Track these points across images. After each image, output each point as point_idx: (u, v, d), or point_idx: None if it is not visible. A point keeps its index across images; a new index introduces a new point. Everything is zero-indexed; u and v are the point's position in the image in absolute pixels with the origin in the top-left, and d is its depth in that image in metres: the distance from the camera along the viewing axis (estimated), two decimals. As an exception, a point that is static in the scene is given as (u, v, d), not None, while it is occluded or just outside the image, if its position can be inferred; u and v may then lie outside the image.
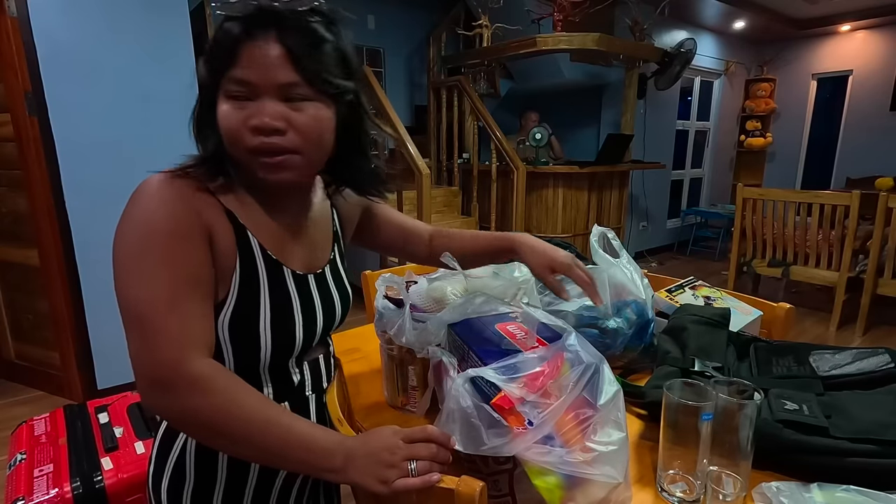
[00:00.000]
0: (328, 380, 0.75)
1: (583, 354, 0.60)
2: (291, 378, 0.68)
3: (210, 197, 0.60)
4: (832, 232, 3.22)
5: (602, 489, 0.56)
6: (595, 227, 1.09)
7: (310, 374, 0.71)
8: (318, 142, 0.60)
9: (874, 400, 0.70)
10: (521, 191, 3.64)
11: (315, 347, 0.72)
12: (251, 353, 0.62)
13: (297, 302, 0.65)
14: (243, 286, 0.60)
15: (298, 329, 0.65)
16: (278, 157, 0.58)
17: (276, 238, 0.65)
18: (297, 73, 0.56)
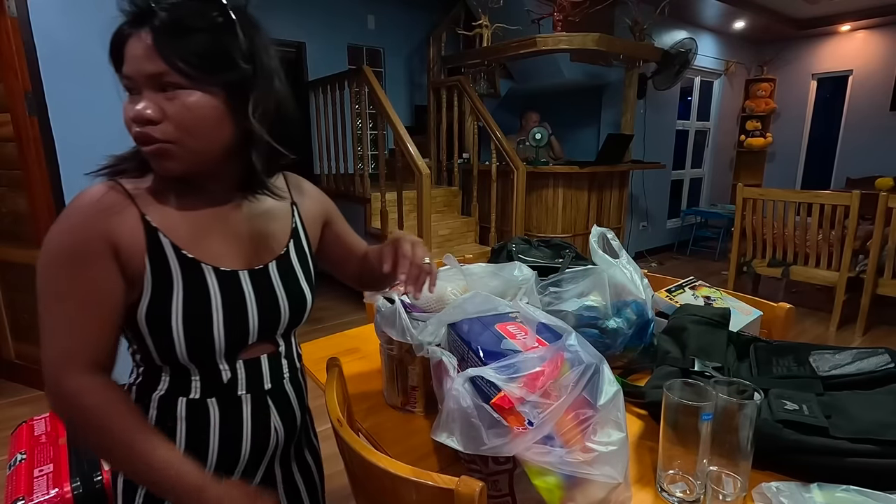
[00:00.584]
0: (273, 381, 0.72)
1: (583, 354, 0.60)
2: (220, 375, 0.67)
3: (125, 202, 0.61)
4: (832, 232, 3.22)
5: (602, 489, 0.56)
6: (594, 228, 1.09)
7: (245, 374, 0.68)
8: (193, 131, 0.59)
9: (874, 400, 0.70)
10: (521, 191, 3.64)
11: (255, 346, 0.70)
12: (168, 348, 0.63)
13: (219, 300, 0.64)
14: (156, 285, 0.61)
15: (217, 327, 0.64)
16: (152, 146, 0.59)
17: (194, 236, 0.65)
18: (163, 63, 0.56)
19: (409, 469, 0.56)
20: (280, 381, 0.73)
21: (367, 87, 3.32)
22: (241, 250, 0.69)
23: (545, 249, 1.33)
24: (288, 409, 0.74)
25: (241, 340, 0.67)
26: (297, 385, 0.77)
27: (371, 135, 4.38)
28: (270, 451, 0.72)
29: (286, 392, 0.74)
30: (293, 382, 0.76)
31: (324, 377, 0.82)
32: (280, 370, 0.73)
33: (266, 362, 0.71)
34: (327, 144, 3.98)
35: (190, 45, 0.57)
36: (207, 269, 0.65)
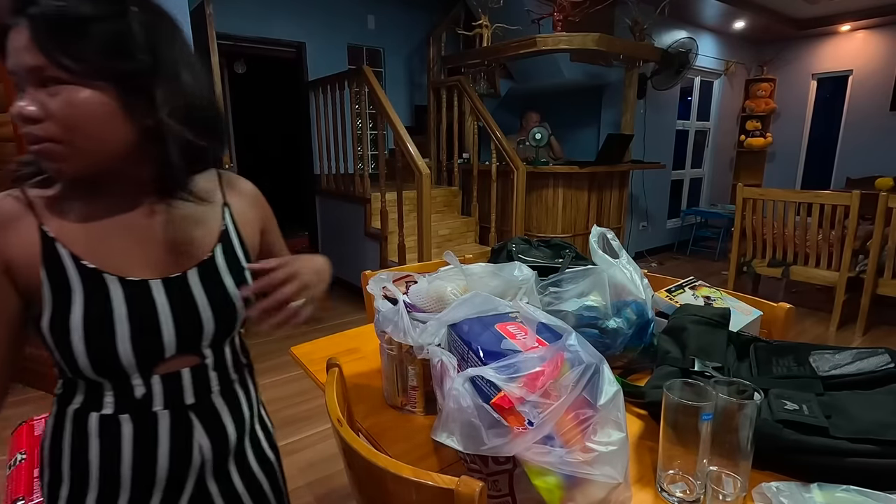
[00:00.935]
0: (197, 396, 0.67)
1: (583, 354, 0.60)
2: (133, 391, 0.63)
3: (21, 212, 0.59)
4: (832, 232, 3.22)
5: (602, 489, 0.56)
6: (594, 228, 1.09)
7: (161, 389, 0.64)
8: (80, 130, 0.54)
9: (874, 400, 0.70)
10: (521, 191, 3.64)
11: (174, 359, 0.65)
12: (72, 363, 0.60)
13: (123, 312, 0.60)
14: (56, 298, 0.59)
15: (122, 341, 0.60)
16: (37, 146, 0.55)
17: (98, 244, 0.61)
18: (42, 56, 0.52)
19: (409, 469, 0.56)
20: (206, 395, 0.68)
21: (367, 87, 3.32)
22: (154, 257, 0.64)
23: (545, 249, 1.33)
24: (217, 424, 0.69)
25: (154, 354, 0.63)
26: (231, 397, 0.72)
27: (371, 135, 4.38)
28: (196, 468, 0.68)
29: (215, 406, 0.69)
30: (226, 395, 0.71)
31: (324, 377, 0.82)
32: (207, 383, 0.68)
33: (188, 376, 0.66)
34: (327, 144, 3.98)
35: (72, 35, 0.52)
36: (111, 279, 0.60)
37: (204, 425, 0.68)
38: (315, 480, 1.89)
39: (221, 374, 0.70)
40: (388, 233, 3.47)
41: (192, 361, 0.67)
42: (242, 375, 0.76)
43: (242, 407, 0.74)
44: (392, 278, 0.90)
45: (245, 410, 0.75)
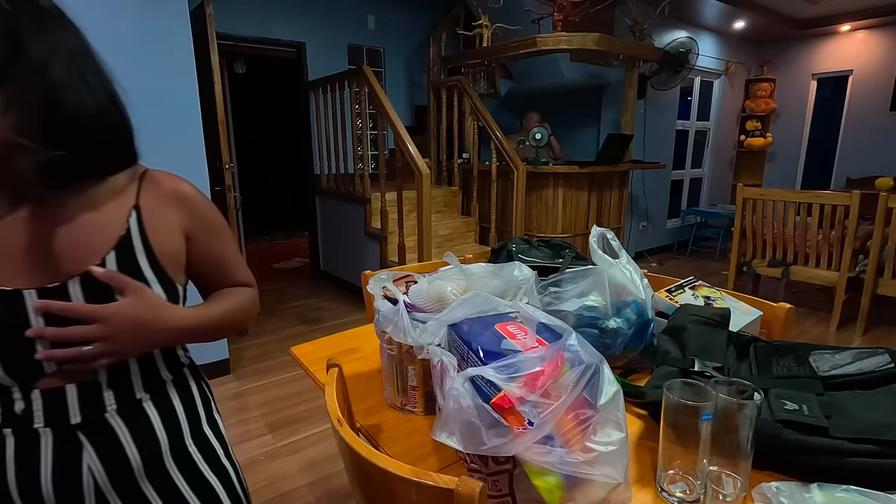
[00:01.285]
0: (86, 415, 0.62)
1: (583, 354, 0.60)
2: (13, 405, 0.59)
3: None
4: (832, 232, 3.22)
5: (602, 489, 0.56)
6: (594, 228, 1.09)
7: (42, 405, 0.60)
8: None
9: (874, 400, 0.70)
10: (521, 191, 3.64)
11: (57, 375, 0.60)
12: None
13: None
14: None
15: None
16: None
17: None
18: None
19: (409, 469, 0.56)
20: (98, 415, 0.63)
21: (367, 87, 3.32)
22: (31, 266, 0.59)
23: (545, 249, 1.33)
24: (113, 445, 0.63)
25: (30, 370, 0.59)
26: (137, 417, 0.66)
27: (371, 135, 4.38)
28: (90, 492, 0.62)
29: (112, 427, 0.63)
30: (129, 414, 0.65)
31: (324, 377, 0.82)
32: (100, 402, 0.63)
33: (74, 393, 0.61)
34: (327, 144, 3.98)
35: None
36: None
37: (98, 448, 0.62)
38: (315, 480, 1.89)
39: (122, 392, 0.64)
40: (388, 233, 3.47)
41: (81, 378, 0.61)
42: (161, 392, 0.69)
43: (155, 427, 0.67)
44: (392, 278, 0.90)
45: (159, 431, 0.68)
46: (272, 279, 4.65)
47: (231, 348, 2.81)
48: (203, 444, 0.74)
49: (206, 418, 0.77)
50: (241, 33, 3.84)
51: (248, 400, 2.46)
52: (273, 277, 4.72)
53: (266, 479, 1.89)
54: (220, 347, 2.69)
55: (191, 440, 0.73)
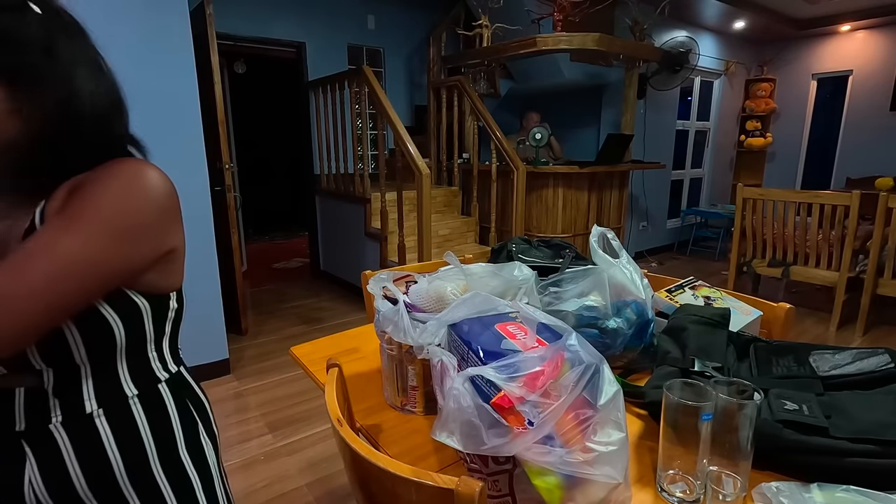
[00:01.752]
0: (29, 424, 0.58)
1: (583, 354, 0.60)
2: None
3: None
4: (832, 232, 3.22)
5: (602, 489, 0.56)
6: (594, 228, 1.09)
7: None
8: None
9: (874, 400, 0.70)
10: (521, 191, 3.64)
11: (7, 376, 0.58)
12: None
13: None
14: None
15: None
16: None
17: None
18: None
19: (409, 469, 0.56)
20: (43, 424, 0.59)
21: (367, 87, 3.32)
22: None
23: (545, 249, 1.33)
24: (56, 462, 0.59)
25: None
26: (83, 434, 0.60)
27: (371, 135, 4.38)
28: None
29: (55, 439, 0.59)
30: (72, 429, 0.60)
31: (324, 377, 0.82)
32: (45, 410, 0.59)
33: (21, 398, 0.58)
34: (327, 144, 3.98)
35: None
36: None
37: (38, 459, 0.58)
38: (315, 480, 1.89)
39: (69, 402, 0.60)
40: (388, 233, 3.47)
41: (25, 381, 0.58)
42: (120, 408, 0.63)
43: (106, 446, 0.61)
44: (392, 278, 0.90)
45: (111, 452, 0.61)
46: (272, 279, 4.65)
47: (231, 348, 2.81)
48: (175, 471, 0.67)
49: (185, 442, 0.68)
50: (241, 33, 3.84)
51: (248, 400, 2.46)
52: (273, 277, 4.72)
53: (266, 479, 1.89)
54: (220, 347, 2.69)
55: (158, 466, 0.65)
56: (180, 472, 0.67)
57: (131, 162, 0.59)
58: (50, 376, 0.58)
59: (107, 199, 0.55)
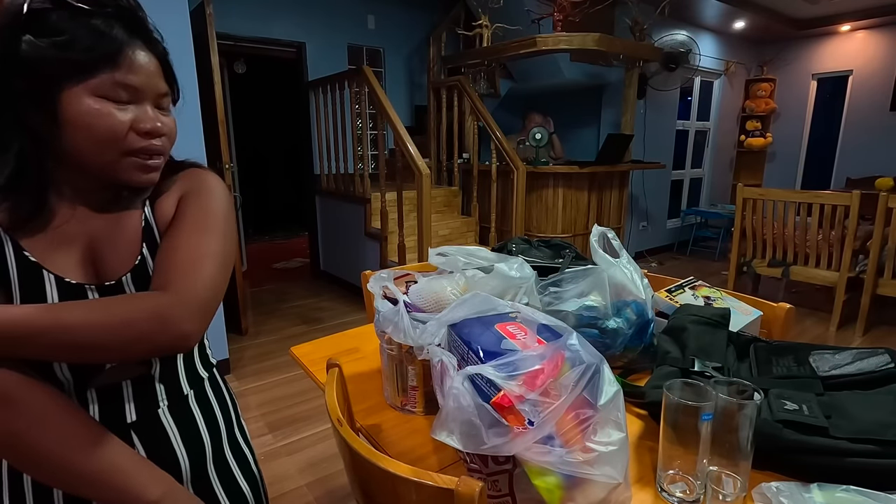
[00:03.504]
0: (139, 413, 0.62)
1: (583, 354, 0.60)
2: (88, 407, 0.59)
3: None
4: (832, 232, 3.22)
5: (602, 489, 0.56)
6: (595, 227, 1.09)
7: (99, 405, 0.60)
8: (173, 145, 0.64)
9: (874, 400, 0.70)
10: (521, 191, 3.64)
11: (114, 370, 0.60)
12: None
13: None
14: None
15: None
16: (156, 159, 0.61)
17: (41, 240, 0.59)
18: (166, 86, 0.61)
19: (409, 469, 0.56)
20: (153, 412, 0.63)
21: (367, 87, 3.32)
22: (90, 261, 0.61)
23: (545, 249, 1.33)
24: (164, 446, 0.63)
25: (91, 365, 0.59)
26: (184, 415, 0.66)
27: (371, 135, 4.38)
28: None
29: (163, 425, 0.63)
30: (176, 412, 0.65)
31: (324, 377, 0.82)
32: (154, 397, 0.63)
33: (129, 389, 0.61)
34: (327, 144, 3.98)
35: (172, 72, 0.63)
36: (50, 277, 0.58)
37: (147, 448, 0.61)
38: (315, 480, 1.89)
39: (171, 386, 0.65)
40: (388, 233, 3.47)
41: (135, 371, 0.62)
42: (201, 389, 0.69)
43: (200, 427, 0.67)
44: (392, 277, 0.90)
45: (203, 433, 0.68)
46: (272, 279, 4.65)
47: (231, 348, 2.81)
48: (237, 449, 0.74)
49: (237, 423, 0.77)
50: (241, 33, 3.84)
51: (248, 400, 2.46)
52: (273, 277, 4.72)
53: (266, 479, 1.88)
54: (220, 347, 2.69)
55: (227, 445, 0.72)
56: (239, 450, 0.75)
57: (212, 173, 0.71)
58: (157, 363, 0.63)
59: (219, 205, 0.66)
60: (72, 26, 0.53)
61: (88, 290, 0.60)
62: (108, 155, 0.57)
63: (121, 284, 0.61)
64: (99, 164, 0.58)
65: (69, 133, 0.55)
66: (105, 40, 0.55)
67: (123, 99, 0.57)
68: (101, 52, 0.54)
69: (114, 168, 0.59)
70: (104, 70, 0.55)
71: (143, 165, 0.60)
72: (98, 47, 0.54)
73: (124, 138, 0.57)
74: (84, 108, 0.54)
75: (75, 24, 0.54)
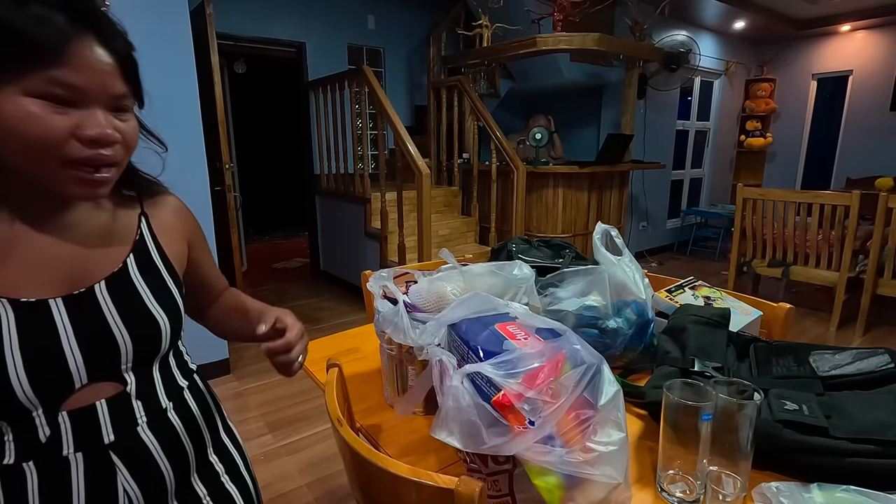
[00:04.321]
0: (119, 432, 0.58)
1: (583, 354, 0.60)
2: (37, 433, 0.54)
3: None
4: (832, 232, 3.22)
5: (602, 489, 0.56)
6: (598, 225, 1.09)
7: (71, 428, 0.55)
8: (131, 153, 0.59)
9: (874, 400, 0.70)
10: (521, 191, 3.64)
11: (87, 389, 0.56)
12: None
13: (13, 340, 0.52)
14: None
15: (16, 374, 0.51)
16: (105, 170, 0.54)
17: None
18: (125, 85, 0.54)
19: (409, 469, 0.56)
20: (131, 430, 0.59)
21: (367, 87, 3.32)
22: (54, 274, 0.56)
23: (545, 249, 1.33)
24: (148, 462, 0.60)
25: (60, 386, 0.54)
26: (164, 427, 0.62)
27: (371, 135, 4.38)
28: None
29: (144, 442, 0.59)
30: (156, 427, 0.61)
31: (324, 377, 0.82)
32: (131, 415, 0.59)
33: (104, 409, 0.57)
34: (327, 144, 3.98)
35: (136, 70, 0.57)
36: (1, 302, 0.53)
37: (130, 467, 0.58)
38: (315, 480, 1.89)
39: (148, 401, 0.61)
40: (388, 233, 3.47)
41: (111, 390, 0.58)
42: (180, 399, 0.66)
43: (182, 438, 0.64)
44: (392, 277, 0.90)
45: (186, 443, 0.65)
46: (272, 279, 4.65)
47: (231, 348, 2.81)
48: (223, 453, 0.73)
49: (223, 426, 0.75)
50: (241, 33, 3.84)
51: (248, 400, 2.46)
52: (273, 277, 4.72)
53: (266, 479, 1.89)
54: (221, 347, 2.69)
55: (212, 450, 0.71)
56: (225, 454, 0.73)
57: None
58: (133, 379, 0.60)
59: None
60: (4, 13, 0.47)
61: (52, 303, 0.55)
62: (43, 165, 0.51)
63: (92, 292, 0.58)
64: (34, 174, 0.52)
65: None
66: (41, 30, 0.48)
67: (64, 100, 0.50)
68: (34, 43, 0.47)
69: (51, 180, 0.52)
70: (38, 66, 0.48)
71: (86, 179, 0.53)
72: (31, 39, 0.47)
73: (62, 146, 0.50)
74: (13, 109, 0.48)
75: (9, 10, 0.47)
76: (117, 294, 0.59)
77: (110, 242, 0.62)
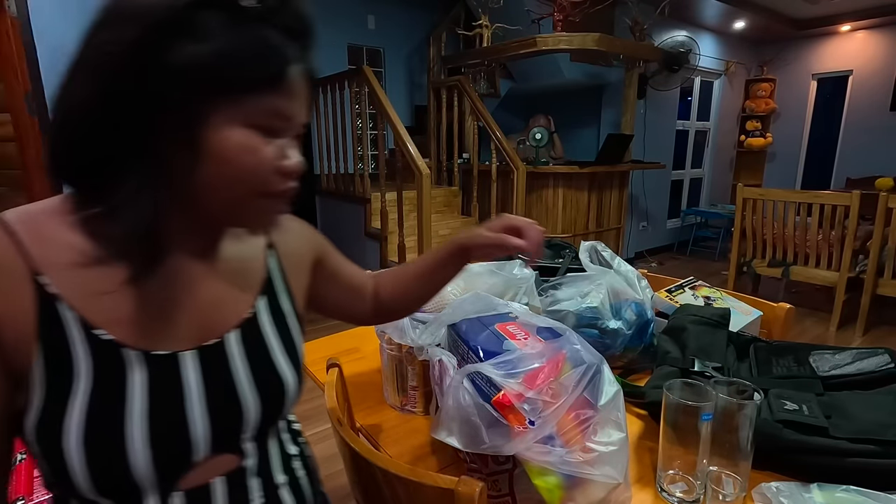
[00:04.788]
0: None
1: (583, 354, 0.60)
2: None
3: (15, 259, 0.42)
4: (832, 232, 3.22)
5: (602, 489, 0.56)
6: (583, 243, 1.10)
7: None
8: None
9: (874, 400, 0.70)
10: (521, 191, 3.64)
11: (206, 465, 0.47)
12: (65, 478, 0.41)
13: (141, 403, 0.43)
14: (51, 384, 0.41)
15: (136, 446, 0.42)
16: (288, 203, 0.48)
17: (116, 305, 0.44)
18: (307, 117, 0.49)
19: (409, 469, 0.56)
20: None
21: (367, 87, 3.32)
22: (188, 319, 0.48)
23: (545, 249, 1.33)
24: None
25: (182, 461, 0.45)
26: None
27: (371, 135, 4.38)
28: None
29: None
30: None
31: (324, 377, 0.82)
32: (245, 495, 0.49)
33: (222, 489, 0.48)
34: (327, 144, 3.98)
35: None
36: (132, 356, 0.44)
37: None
38: (315, 480, 1.88)
39: (266, 478, 0.52)
40: (388, 233, 3.47)
41: (229, 465, 0.49)
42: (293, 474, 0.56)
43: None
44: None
45: None
46: (272, 279, 4.64)
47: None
48: None
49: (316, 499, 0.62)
50: (241, 33, 3.84)
51: (248, 400, 2.46)
52: (273, 277, 4.71)
53: (266, 479, 1.88)
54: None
55: None
56: None
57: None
58: (253, 453, 0.51)
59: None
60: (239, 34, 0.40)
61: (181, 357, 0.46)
62: (242, 197, 0.45)
63: (222, 344, 0.49)
64: (224, 207, 0.45)
65: (207, 168, 0.42)
66: (274, 56, 0.42)
67: (272, 130, 0.44)
68: (267, 70, 0.42)
69: (240, 212, 0.46)
70: (266, 93, 0.43)
71: (276, 211, 0.48)
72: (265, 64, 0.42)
73: (268, 178, 0.45)
74: (234, 139, 0.42)
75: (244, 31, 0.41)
76: (249, 345, 0.50)
77: (241, 281, 0.53)
